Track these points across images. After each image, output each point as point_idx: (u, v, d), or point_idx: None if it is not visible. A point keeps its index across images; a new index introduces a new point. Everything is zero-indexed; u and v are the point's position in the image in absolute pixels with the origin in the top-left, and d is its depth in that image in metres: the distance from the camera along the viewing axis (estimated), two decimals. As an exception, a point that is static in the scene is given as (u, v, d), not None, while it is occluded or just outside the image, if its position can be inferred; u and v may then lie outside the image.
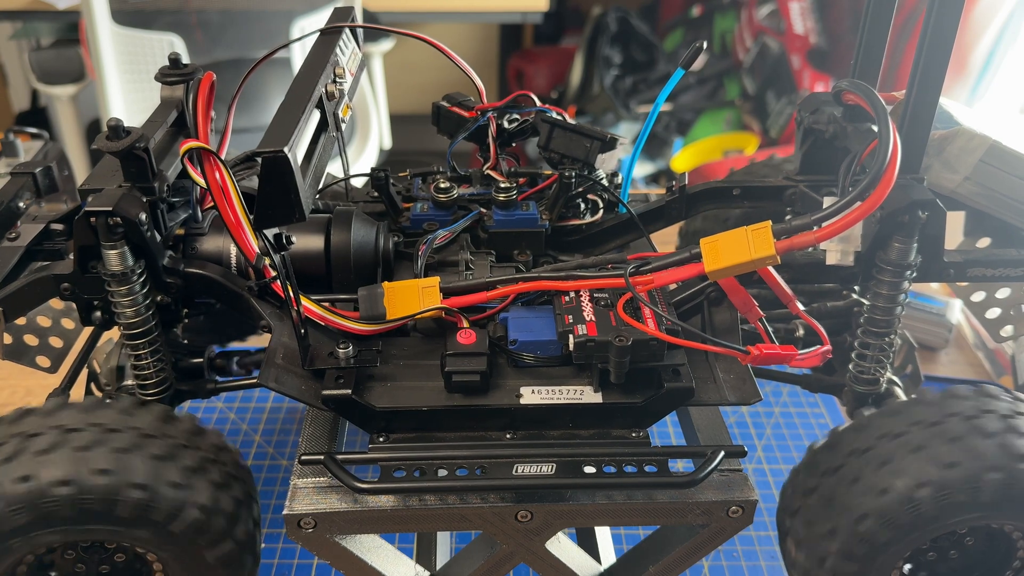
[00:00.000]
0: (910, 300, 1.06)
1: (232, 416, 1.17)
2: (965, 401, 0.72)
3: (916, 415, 0.72)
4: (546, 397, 0.71)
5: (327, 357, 0.72)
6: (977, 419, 0.70)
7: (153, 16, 2.13)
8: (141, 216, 0.70)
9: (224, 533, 0.70)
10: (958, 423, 0.70)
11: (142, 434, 0.69)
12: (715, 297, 0.80)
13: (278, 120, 0.68)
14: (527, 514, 0.71)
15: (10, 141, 1.08)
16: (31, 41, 2.64)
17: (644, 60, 3.20)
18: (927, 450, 0.69)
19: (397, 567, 0.77)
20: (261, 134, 0.65)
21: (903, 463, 0.69)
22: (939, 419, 0.70)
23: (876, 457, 0.71)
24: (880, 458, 0.70)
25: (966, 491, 0.68)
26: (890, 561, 0.72)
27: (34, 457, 0.66)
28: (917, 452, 0.69)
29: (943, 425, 0.70)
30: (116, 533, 0.69)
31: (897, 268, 0.76)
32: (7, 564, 0.70)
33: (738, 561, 0.97)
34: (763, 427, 1.16)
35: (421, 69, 2.95)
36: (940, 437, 0.69)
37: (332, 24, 0.86)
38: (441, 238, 0.83)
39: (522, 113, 0.92)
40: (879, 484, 0.69)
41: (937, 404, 0.72)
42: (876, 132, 0.69)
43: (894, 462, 0.70)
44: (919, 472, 0.68)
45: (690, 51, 0.85)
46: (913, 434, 0.70)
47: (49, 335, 0.92)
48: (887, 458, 0.70)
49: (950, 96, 0.81)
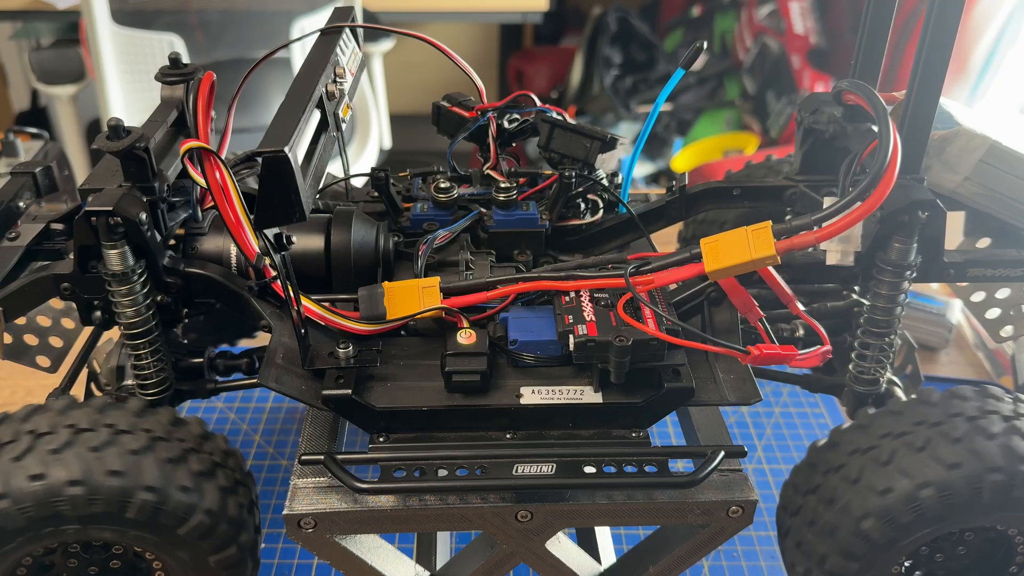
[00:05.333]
0: (910, 300, 1.06)
1: (232, 416, 1.17)
2: (968, 402, 0.72)
3: (919, 415, 0.72)
4: (546, 397, 0.71)
5: (327, 357, 0.72)
6: (980, 420, 0.70)
7: (153, 16, 2.13)
8: (141, 216, 0.70)
9: (229, 538, 0.71)
10: (961, 423, 0.70)
11: (154, 437, 0.69)
12: (715, 297, 0.80)
13: (278, 120, 0.68)
14: (527, 514, 0.71)
15: (10, 141, 1.08)
16: (31, 41, 2.64)
17: (644, 60, 3.20)
18: (929, 450, 0.69)
19: (397, 567, 0.77)
20: (261, 134, 0.65)
21: (905, 463, 0.69)
22: (942, 419, 0.70)
23: (878, 456, 0.71)
24: (882, 457, 0.70)
25: (968, 492, 0.68)
26: (890, 561, 0.72)
27: (46, 456, 0.66)
28: (920, 452, 0.69)
29: (946, 425, 0.70)
30: (123, 535, 0.69)
31: (897, 268, 0.76)
32: (10, 562, 0.70)
33: (738, 561, 0.97)
34: (763, 427, 1.16)
35: (421, 69, 2.95)
36: (943, 437, 0.69)
37: (332, 24, 0.86)
38: (441, 238, 0.83)
39: (522, 113, 0.92)
40: (881, 484, 0.69)
41: (940, 404, 0.72)
42: (876, 132, 0.69)
43: (896, 462, 0.70)
44: (921, 472, 0.68)
45: (690, 51, 0.85)
46: (916, 434, 0.70)
47: (49, 335, 0.92)
48: (889, 458, 0.70)
49: (950, 96, 0.81)
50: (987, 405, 0.71)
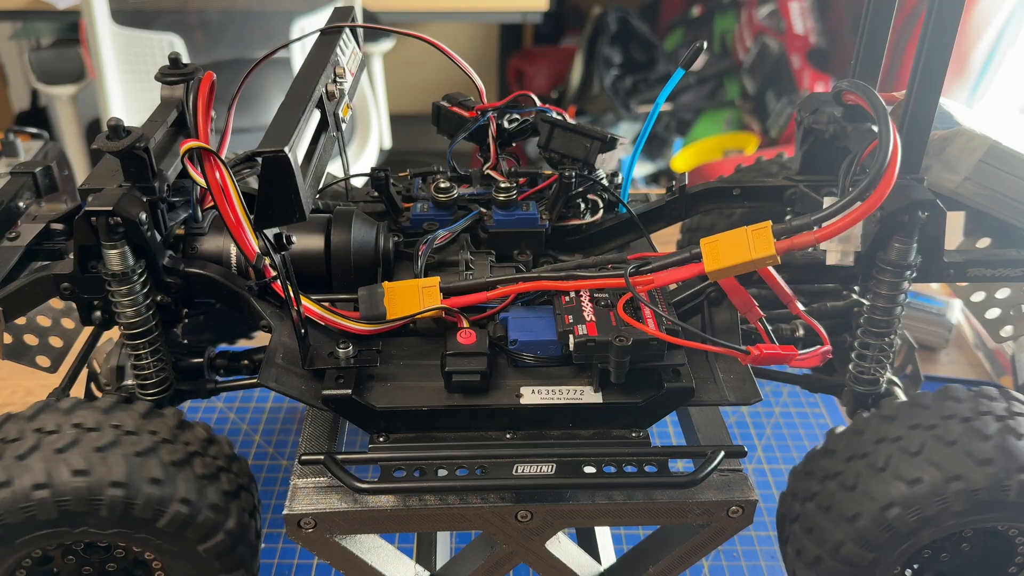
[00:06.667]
0: (910, 300, 1.06)
1: (232, 416, 1.17)
2: (961, 403, 0.72)
3: (912, 418, 0.72)
4: (546, 397, 0.71)
5: (327, 357, 0.72)
6: (974, 421, 0.70)
7: (153, 16, 2.13)
8: (141, 216, 0.70)
9: (234, 543, 0.71)
10: (955, 426, 0.70)
11: (160, 439, 0.70)
12: (715, 297, 0.80)
13: (278, 120, 0.68)
14: (527, 514, 0.71)
15: (10, 141, 1.08)
16: (31, 41, 2.64)
17: (644, 60, 3.20)
18: (924, 454, 0.69)
19: (397, 567, 0.77)
20: (261, 134, 0.65)
21: (901, 468, 0.69)
22: (935, 422, 0.70)
23: (873, 462, 0.71)
24: (877, 463, 0.70)
25: (965, 494, 0.68)
26: (890, 565, 0.72)
27: (53, 456, 0.66)
28: (915, 456, 0.69)
29: (939, 428, 0.70)
30: (129, 537, 0.69)
31: (897, 268, 0.76)
32: (13, 560, 0.70)
33: (738, 561, 0.97)
34: (763, 427, 1.16)
35: (421, 69, 2.95)
36: (937, 440, 0.69)
37: (332, 24, 0.86)
38: (441, 238, 0.83)
39: (522, 113, 0.91)
40: (877, 490, 0.69)
41: (933, 407, 0.72)
42: (876, 132, 0.69)
43: (891, 467, 0.70)
44: (917, 476, 0.68)
45: (690, 51, 0.85)
46: (910, 438, 0.70)
47: (49, 335, 0.92)
48: (884, 463, 0.70)
49: (950, 96, 0.81)
50: (980, 406, 0.71)
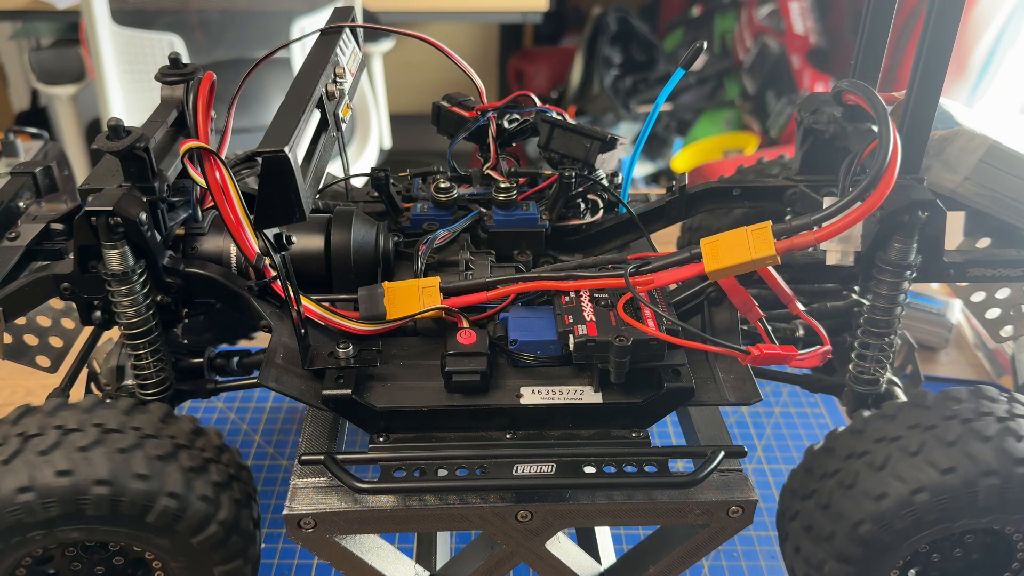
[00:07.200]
0: (910, 300, 1.06)
1: (232, 416, 1.17)
2: (961, 404, 0.72)
3: (912, 418, 0.71)
4: (546, 397, 0.71)
5: (327, 357, 0.72)
6: (974, 422, 0.70)
7: (153, 16, 2.13)
8: (141, 216, 0.70)
9: (228, 534, 0.71)
10: (955, 426, 0.70)
11: (144, 435, 0.69)
12: (715, 297, 0.80)
13: (278, 120, 0.68)
14: (527, 514, 0.71)
15: (10, 141, 1.08)
16: (31, 41, 2.64)
17: (644, 60, 3.20)
18: (924, 454, 0.69)
19: (397, 567, 0.77)
20: (261, 134, 0.65)
21: (900, 467, 0.69)
22: (935, 422, 0.70)
23: (872, 461, 0.71)
24: (876, 462, 0.70)
25: (964, 495, 0.68)
26: (888, 565, 0.72)
27: (36, 458, 0.66)
28: (914, 456, 0.69)
29: (939, 428, 0.70)
30: (121, 534, 0.69)
31: (897, 268, 0.76)
32: (11, 560, 0.70)
33: (738, 561, 0.97)
34: (763, 427, 1.16)
35: (421, 69, 2.94)
36: (937, 440, 0.69)
37: (332, 24, 0.86)
38: (441, 238, 0.83)
39: (522, 113, 0.91)
40: (876, 489, 0.69)
41: (933, 407, 0.72)
42: (876, 132, 0.69)
43: (890, 466, 0.70)
44: (916, 476, 0.68)
45: (690, 51, 0.85)
46: (909, 438, 0.70)
47: (49, 335, 0.92)
48: (883, 462, 0.70)
49: (950, 96, 0.81)
50: (981, 407, 0.71)
